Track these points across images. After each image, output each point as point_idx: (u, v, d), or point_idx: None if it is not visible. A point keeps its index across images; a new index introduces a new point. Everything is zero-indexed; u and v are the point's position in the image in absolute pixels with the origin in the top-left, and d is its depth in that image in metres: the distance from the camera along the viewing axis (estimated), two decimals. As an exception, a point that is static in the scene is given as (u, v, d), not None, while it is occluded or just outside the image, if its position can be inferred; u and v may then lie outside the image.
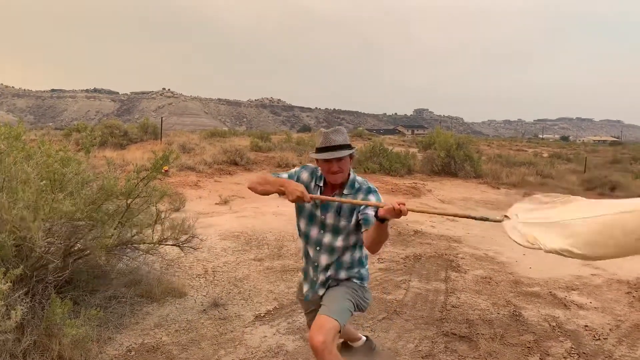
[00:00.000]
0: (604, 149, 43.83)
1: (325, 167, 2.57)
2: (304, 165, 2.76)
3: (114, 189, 3.46)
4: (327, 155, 2.53)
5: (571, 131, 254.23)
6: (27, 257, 3.09)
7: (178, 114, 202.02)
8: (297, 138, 25.79)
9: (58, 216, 3.05)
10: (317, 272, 2.70)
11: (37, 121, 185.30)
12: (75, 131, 22.63)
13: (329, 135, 2.56)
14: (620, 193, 13.25)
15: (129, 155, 16.24)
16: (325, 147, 2.56)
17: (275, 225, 7.41)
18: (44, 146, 3.34)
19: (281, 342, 3.54)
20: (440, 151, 15.25)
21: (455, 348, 3.52)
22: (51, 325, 2.94)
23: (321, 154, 2.55)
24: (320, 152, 2.56)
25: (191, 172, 12.97)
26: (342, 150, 2.55)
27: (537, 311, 4.32)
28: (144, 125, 23.66)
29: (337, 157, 2.53)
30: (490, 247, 6.67)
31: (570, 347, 3.60)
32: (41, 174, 3.14)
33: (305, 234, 2.74)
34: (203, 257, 5.45)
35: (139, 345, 3.41)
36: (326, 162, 2.55)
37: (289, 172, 2.74)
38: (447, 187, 13.00)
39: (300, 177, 2.70)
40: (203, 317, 3.92)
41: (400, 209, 2.14)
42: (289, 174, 2.72)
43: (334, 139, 2.56)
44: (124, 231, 3.81)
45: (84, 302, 3.58)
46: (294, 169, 2.76)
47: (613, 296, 4.82)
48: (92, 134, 4.24)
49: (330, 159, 2.53)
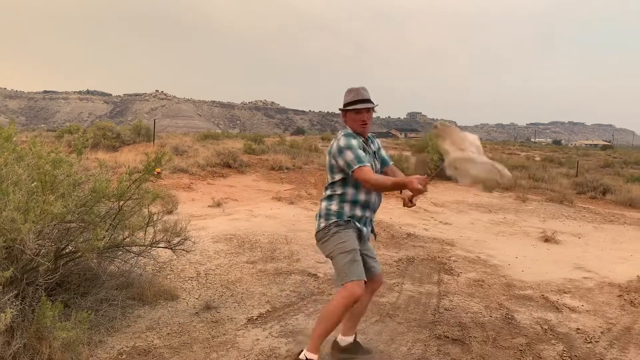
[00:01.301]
0: (596, 153, 44.12)
1: (358, 119, 2.98)
2: (345, 136, 2.96)
3: (106, 191, 3.43)
4: (361, 105, 2.96)
5: (563, 135, 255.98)
6: (17, 260, 3.06)
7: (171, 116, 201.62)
8: (291, 141, 25.79)
9: (49, 218, 3.03)
10: (372, 213, 3.11)
11: (29, 123, 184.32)
12: (67, 133, 22.50)
13: (359, 91, 2.99)
14: (611, 197, 13.34)
15: (122, 157, 16.16)
16: (358, 100, 2.97)
17: (269, 227, 7.40)
18: (35, 147, 3.32)
19: (274, 345, 3.52)
20: (433, 154, 15.27)
21: (447, 351, 3.52)
22: (41, 328, 2.91)
23: (355, 105, 2.97)
24: (354, 105, 2.97)
25: (184, 175, 12.92)
26: (371, 103, 3.01)
27: (529, 314, 4.33)
28: (137, 127, 23.54)
29: (370, 107, 2.99)
30: (482, 250, 6.69)
31: (562, 350, 3.61)
32: (32, 175, 3.11)
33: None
34: (195, 259, 5.43)
35: (130, 348, 3.38)
36: (358, 113, 2.97)
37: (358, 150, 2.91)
38: (440, 190, 13.03)
39: (362, 146, 2.97)
40: (195, 320, 3.90)
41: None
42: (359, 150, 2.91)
43: (364, 94, 2.99)
44: (115, 233, 3.78)
45: (75, 304, 3.55)
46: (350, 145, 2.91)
47: (605, 299, 4.84)
48: (84, 135, 4.21)
49: (362, 110, 2.97)
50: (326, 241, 2.98)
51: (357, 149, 2.89)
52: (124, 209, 3.73)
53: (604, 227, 9.06)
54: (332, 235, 2.95)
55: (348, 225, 2.97)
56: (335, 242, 2.92)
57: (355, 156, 2.86)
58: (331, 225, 2.97)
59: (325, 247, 3.01)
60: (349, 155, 2.87)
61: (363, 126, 3.00)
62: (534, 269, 5.82)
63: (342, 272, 2.84)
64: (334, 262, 2.94)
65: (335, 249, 2.91)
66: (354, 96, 2.98)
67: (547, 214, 10.25)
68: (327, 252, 3.00)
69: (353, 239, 2.94)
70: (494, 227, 8.59)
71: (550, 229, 8.22)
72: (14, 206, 2.82)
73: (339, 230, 2.94)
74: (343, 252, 2.87)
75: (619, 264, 6.23)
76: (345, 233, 2.94)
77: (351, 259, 2.85)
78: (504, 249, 6.86)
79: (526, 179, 15.34)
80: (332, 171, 3.04)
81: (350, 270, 2.82)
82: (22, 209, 2.87)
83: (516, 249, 6.84)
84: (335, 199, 3.01)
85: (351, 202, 2.98)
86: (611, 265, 6.16)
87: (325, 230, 2.99)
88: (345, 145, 2.89)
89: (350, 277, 2.80)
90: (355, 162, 2.85)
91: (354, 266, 2.83)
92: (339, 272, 2.89)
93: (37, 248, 3.02)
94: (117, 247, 3.91)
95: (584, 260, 6.37)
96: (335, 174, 3.00)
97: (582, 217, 10.04)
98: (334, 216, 2.98)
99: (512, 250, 6.77)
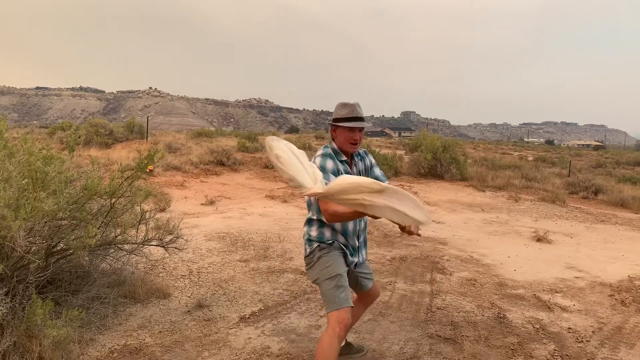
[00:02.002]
0: (588, 153, 44.38)
1: (349, 137, 2.83)
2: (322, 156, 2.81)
3: (98, 188, 3.41)
4: (354, 124, 2.80)
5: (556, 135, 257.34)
6: (7, 257, 3.04)
7: (165, 114, 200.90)
8: (285, 139, 25.71)
9: (40, 215, 3.00)
10: (359, 237, 2.99)
11: (21, 119, 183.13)
12: (59, 130, 22.38)
13: (355, 108, 2.84)
14: (603, 197, 13.42)
15: (114, 154, 16.09)
16: (352, 117, 2.82)
17: (262, 226, 7.39)
18: (27, 144, 3.29)
19: (266, 344, 3.52)
20: (426, 154, 15.31)
21: (439, 350, 3.53)
22: (32, 326, 2.89)
23: (349, 122, 2.81)
24: (347, 122, 2.82)
25: (177, 172, 12.88)
26: (364, 122, 2.88)
27: (521, 313, 4.35)
28: (130, 124, 23.43)
29: (362, 126, 2.84)
30: (475, 250, 6.71)
31: (554, 349, 3.62)
32: (23, 172, 3.09)
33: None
34: (188, 257, 5.41)
35: (122, 346, 3.36)
36: (351, 131, 2.82)
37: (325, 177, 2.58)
38: (433, 189, 13.05)
39: (338, 169, 2.80)
40: (187, 319, 3.88)
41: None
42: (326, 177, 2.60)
43: (359, 112, 2.85)
44: (107, 231, 3.77)
45: (66, 302, 3.53)
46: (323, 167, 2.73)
47: (596, 299, 4.87)
48: (77, 132, 4.18)
49: (354, 129, 2.82)
50: (311, 267, 2.86)
51: (330, 173, 2.71)
52: (116, 206, 3.72)
53: (595, 227, 9.11)
54: (316, 261, 2.82)
55: (331, 247, 2.84)
56: (320, 268, 2.80)
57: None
58: (315, 250, 2.84)
59: (311, 274, 2.89)
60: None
61: (353, 146, 2.86)
62: (526, 268, 5.85)
63: (327, 299, 2.72)
64: (320, 288, 2.81)
65: (320, 275, 2.79)
66: (348, 112, 2.82)
67: (540, 213, 10.30)
68: (313, 279, 2.88)
69: (337, 263, 2.81)
70: (487, 227, 8.61)
71: (542, 228, 8.26)
72: (4, 203, 2.80)
73: (323, 255, 2.81)
74: (327, 277, 2.74)
75: (611, 264, 6.27)
76: (328, 257, 2.81)
77: (335, 285, 2.71)
78: (496, 248, 6.89)
79: (519, 179, 15.38)
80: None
81: (335, 298, 2.68)
82: (13, 206, 2.85)
83: (508, 249, 6.87)
84: (314, 224, 2.88)
85: (331, 228, 2.85)
86: (603, 265, 6.20)
87: (310, 257, 2.87)
88: (320, 166, 2.71)
89: (335, 305, 2.66)
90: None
91: (338, 292, 2.69)
92: (325, 299, 2.75)
93: (27, 245, 3.00)
94: (109, 244, 3.90)
95: (576, 260, 6.40)
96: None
97: (574, 217, 10.09)
98: (315, 241, 2.86)
99: (505, 249, 6.80)
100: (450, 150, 15.46)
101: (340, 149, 2.87)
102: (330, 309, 2.68)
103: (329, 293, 2.70)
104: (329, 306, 2.69)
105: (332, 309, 2.66)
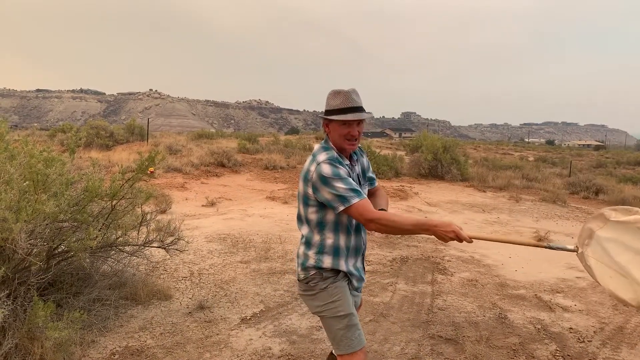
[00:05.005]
0: (589, 153, 44.34)
1: (344, 132, 2.25)
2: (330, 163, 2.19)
3: (99, 190, 3.42)
4: (351, 116, 2.22)
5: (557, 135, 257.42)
6: (9, 259, 3.04)
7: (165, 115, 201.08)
8: (285, 140, 25.75)
9: (41, 217, 3.01)
10: (362, 256, 2.47)
11: (21, 121, 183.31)
12: (60, 132, 22.41)
13: (350, 95, 2.25)
14: (604, 197, 13.41)
15: (115, 156, 16.10)
16: (347, 108, 2.24)
17: (262, 227, 7.39)
18: (27, 146, 3.29)
19: (267, 345, 3.52)
20: (427, 154, 15.31)
21: (441, 350, 3.53)
22: (33, 328, 2.90)
23: (344, 115, 2.23)
24: (341, 114, 2.24)
25: (178, 174, 12.89)
26: (364, 112, 2.28)
27: (522, 314, 4.34)
28: (131, 126, 23.45)
29: (361, 119, 2.26)
30: (476, 250, 6.70)
31: (555, 350, 3.62)
32: (24, 174, 3.09)
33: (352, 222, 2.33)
34: (189, 259, 5.41)
35: (123, 348, 3.36)
36: (347, 126, 2.24)
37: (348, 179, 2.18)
38: (433, 189, 13.05)
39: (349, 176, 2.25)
40: (188, 320, 3.88)
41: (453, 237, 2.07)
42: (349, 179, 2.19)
43: (355, 100, 2.26)
44: (108, 233, 3.77)
45: (67, 304, 3.53)
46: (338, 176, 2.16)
47: (597, 299, 4.86)
48: (77, 134, 4.19)
49: (351, 123, 2.24)
50: (312, 297, 2.31)
51: (347, 176, 2.20)
52: (117, 208, 3.72)
53: (596, 227, 9.09)
54: (319, 292, 2.29)
55: (337, 277, 2.31)
56: (324, 301, 2.28)
57: (349, 187, 2.14)
58: (315, 277, 2.29)
59: (310, 304, 2.35)
60: (340, 186, 2.14)
61: (351, 143, 2.29)
62: (527, 268, 5.84)
63: (336, 339, 2.27)
64: (325, 323, 2.32)
65: (325, 311, 2.28)
66: (342, 102, 2.24)
67: (541, 213, 10.29)
68: (313, 310, 2.35)
69: (346, 298, 2.30)
70: (488, 227, 8.61)
71: (543, 228, 8.26)
72: (6, 205, 2.80)
73: (327, 286, 2.28)
74: (336, 316, 2.26)
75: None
76: (335, 289, 2.28)
77: (347, 325, 2.25)
78: (497, 248, 6.88)
79: (520, 179, 15.37)
80: (306, 203, 2.29)
81: (348, 339, 2.24)
82: (14, 208, 2.85)
83: (509, 249, 6.86)
84: (312, 247, 2.31)
85: (333, 253, 2.29)
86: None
87: (308, 284, 2.31)
88: (333, 174, 2.15)
89: (349, 348, 2.23)
90: (352, 195, 2.13)
91: (350, 333, 2.24)
92: (332, 336, 2.29)
93: (29, 247, 3.00)
94: (110, 246, 3.90)
95: (577, 260, 6.40)
96: (309, 209, 2.28)
97: (575, 217, 10.08)
98: (312, 269, 2.30)
99: (506, 250, 6.79)
100: (451, 151, 15.47)
101: (337, 147, 2.31)
102: (341, 351, 2.26)
103: (339, 334, 2.26)
104: (340, 348, 2.26)
105: (345, 352, 2.25)
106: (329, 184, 2.15)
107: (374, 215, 2.12)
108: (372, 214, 2.12)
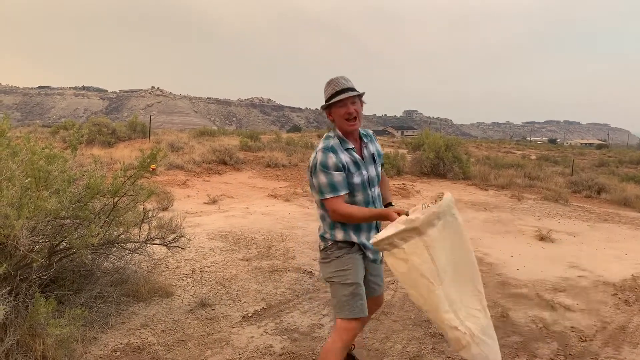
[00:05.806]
0: (591, 152, 44.27)
1: (342, 113, 2.56)
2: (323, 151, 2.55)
3: (101, 187, 3.42)
4: (343, 95, 2.52)
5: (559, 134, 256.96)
6: (10, 256, 3.04)
7: (167, 113, 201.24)
8: (287, 138, 25.76)
9: (43, 214, 3.01)
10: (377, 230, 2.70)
11: (24, 118, 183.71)
12: (62, 129, 22.46)
13: (339, 81, 2.57)
14: (606, 196, 13.39)
15: (117, 153, 16.13)
16: (338, 91, 2.55)
17: (264, 225, 7.39)
18: (30, 143, 3.29)
19: (268, 343, 3.52)
20: (429, 152, 15.28)
21: (442, 349, 3.53)
22: (35, 325, 2.90)
23: (337, 97, 2.54)
24: (336, 96, 2.55)
25: (180, 171, 12.90)
26: (355, 90, 2.57)
27: (524, 312, 4.34)
28: (133, 123, 23.49)
29: (353, 95, 2.53)
30: (478, 248, 6.69)
31: (557, 349, 3.61)
32: (26, 171, 3.09)
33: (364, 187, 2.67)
34: (191, 256, 5.42)
35: (125, 345, 3.37)
36: (342, 107, 2.55)
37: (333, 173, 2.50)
38: (435, 188, 13.03)
39: (342, 162, 2.54)
40: (190, 317, 3.88)
41: None
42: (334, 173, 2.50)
43: (345, 83, 2.57)
44: (110, 230, 3.77)
45: (69, 301, 3.54)
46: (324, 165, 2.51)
47: (599, 298, 4.85)
48: (80, 131, 4.18)
49: (346, 101, 2.53)
50: (327, 263, 2.63)
51: (333, 170, 2.50)
52: (118, 205, 3.72)
53: (598, 226, 9.08)
54: (333, 259, 2.60)
55: (352, 249, 2.61)
56: (336, 268, 2.58)
57: (329, 182, 2.49)
58: (332, 247, 2.62)
59: (324, 270, 2.67)
60: (322, 179, 2.49)
61: (351, 123, 2.57)
62: (529, 267, 5.83)
63: (340, 304, 2.53)
64: (332, 289, 2.61)
65: (335, 277, 2.58)
66: (333, 88, 2.56)
67: (543, 212, 10.27)
68: (325, 275, 2.67)
69: (357, 269, 2.59)
70: (490, 226, 8.60)
71: (545, 227, 8.24)
72: (7, 202, 2.80)
73: (342, 255, 2.59)
74: (343, 283, 2.54)
75: (614, 263, 6.25)
76: (348, 259, 2.58)
77: (352, 293, 2.52)
78: (499, 247, 6.87)
79: (522, 178, 15.35)
80: (312, 186, 2.64)
81: (350, 306, 2.50)
82: (16, 205, 2.85)
83: (511, 248, 6.85)
84: (325, 224, 2.66)
85: (342, 228, 2.61)
86: (606, 264, 6.18)
87: (327, 252, 2.64)
88: (321, 164, 2.50)
89: (349, 314, 2.49)
90: (328, 190, 2.50)
91: (354, 301, 2.50)
92: (336, 302, 2.56)
93: (30, 244, 3.00)
94: (112, 243, 3.90)
95: (579, 258, 6.38)
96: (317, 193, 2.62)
97: (577, 216, 10.06)
98: (329, 240, 2.63)
99: (508, 248, 6.78)
100: (453, 149, 15.43)
101: (343, 132, 2.61)
102: (342, 315, 2.51)
103: (343, 299, 2.52)
104: (342, 313, 2.51)
105: (345, 317, 2.50)
106: (316, 174, 2.52)
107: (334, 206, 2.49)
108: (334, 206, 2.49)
